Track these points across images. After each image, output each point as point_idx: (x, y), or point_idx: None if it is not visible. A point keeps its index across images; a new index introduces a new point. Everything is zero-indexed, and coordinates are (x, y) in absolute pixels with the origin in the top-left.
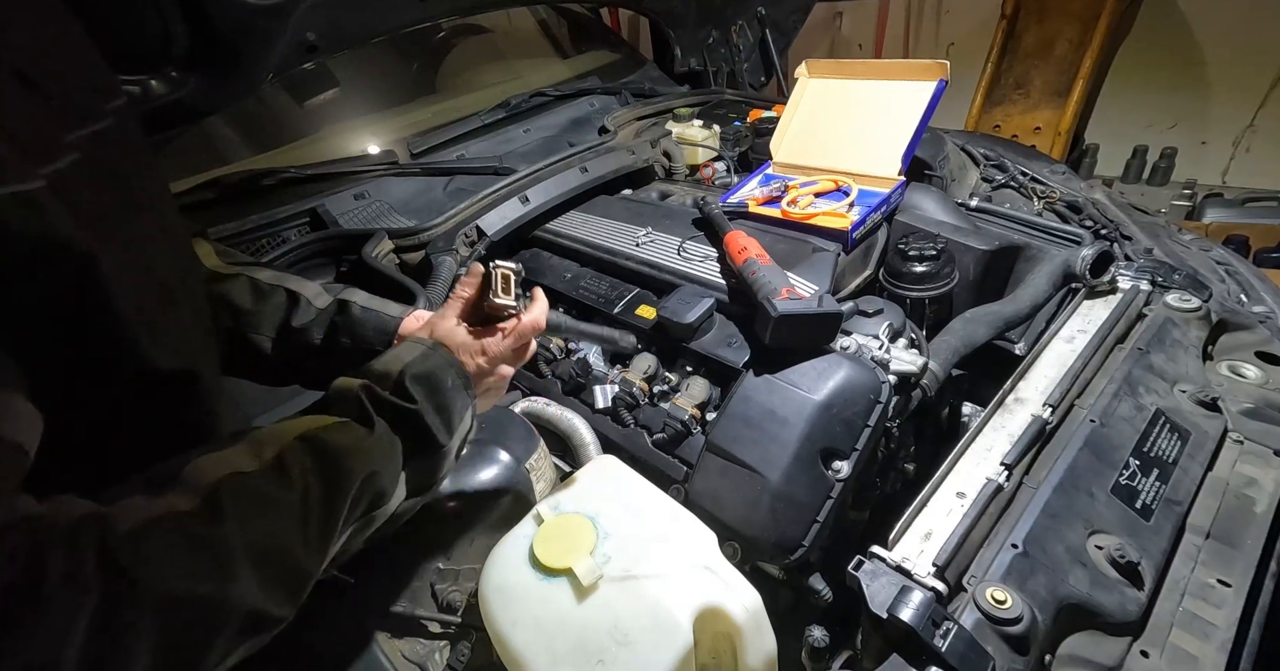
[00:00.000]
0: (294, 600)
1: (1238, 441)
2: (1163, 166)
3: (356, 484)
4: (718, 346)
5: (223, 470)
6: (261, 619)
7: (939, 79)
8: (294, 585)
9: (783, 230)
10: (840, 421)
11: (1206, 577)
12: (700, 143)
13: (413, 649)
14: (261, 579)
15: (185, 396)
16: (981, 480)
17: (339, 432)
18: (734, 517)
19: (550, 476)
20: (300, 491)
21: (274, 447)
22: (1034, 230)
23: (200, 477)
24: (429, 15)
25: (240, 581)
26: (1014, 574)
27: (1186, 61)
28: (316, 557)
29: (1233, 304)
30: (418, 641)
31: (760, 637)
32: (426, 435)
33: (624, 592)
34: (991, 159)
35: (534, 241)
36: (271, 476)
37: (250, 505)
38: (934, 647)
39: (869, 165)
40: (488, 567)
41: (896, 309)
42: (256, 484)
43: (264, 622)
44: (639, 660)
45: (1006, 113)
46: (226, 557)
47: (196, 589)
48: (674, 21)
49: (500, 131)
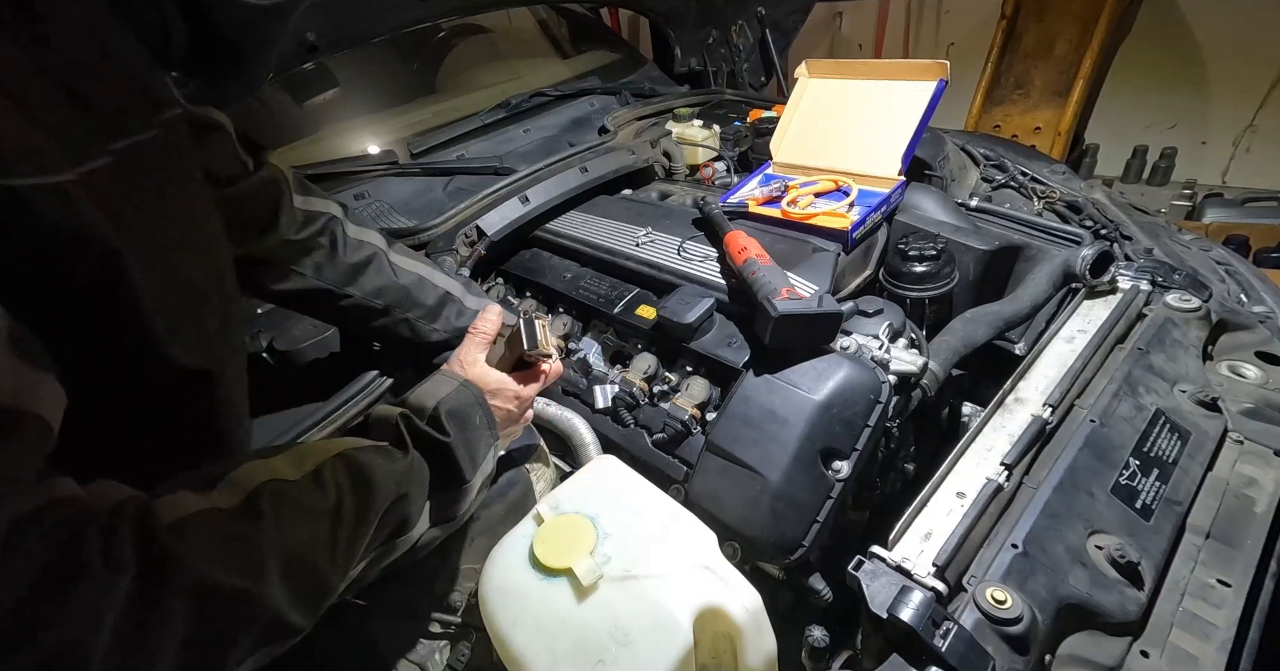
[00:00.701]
0: (313, 612)
1: (1238, 441)
2: (1163, 166)
3: (386, 504)
4: (718, 346)
5: (265, 475)
6: (283, 626)
7: (939, 79)
8: (316, 596)
9: (783, 230)
10: (840, 421)
11: (1206, 577)
12: (700, 143)
13: (413, 649)
14: (288, 585)
15: (198, 401)
16: (981, 480)
17: (375, 455)
18: (734, 517)
19: (550, 476)
20: (333, 503)
21: (314, 461)
22: (1034, 230)
23: (245, 480)
24: (429, 15)
25: (270, 583)
26: (1014, 574)
27: (1186, 61)
28: (340, 572)
29: (1233, 304)
30: (418, 641)
31: (760, 637)
32: (454, 468)
33: (624, 592)
34: (991, 159)
35: (534, 241)
36: (309, 487)
37: (287, 511)
38: (934, 647)
39: (869, 165)
40: (488, 567)
41: (896, 309)
42: (295, 492)
43: (284, 631)
44: (639, 660)
45: (1006, 113)
46: (260, 556)
47: (230, 581)
48: (674, 21)
49: (500, 131)
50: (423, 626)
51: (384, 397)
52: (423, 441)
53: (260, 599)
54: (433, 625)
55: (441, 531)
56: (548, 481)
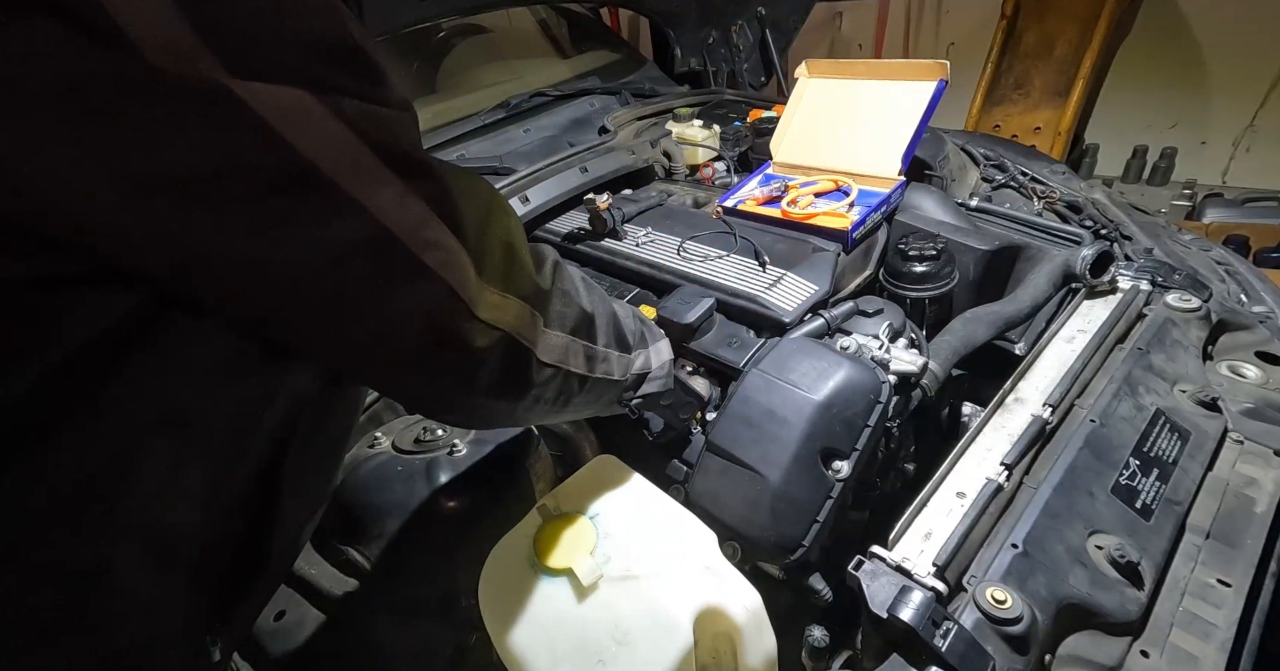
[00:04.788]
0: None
1: (1238, 441)
2: (1163, 166)
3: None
4: (718, 346)
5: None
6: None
7: (939, 79)
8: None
9: (783, 230)
10: (840, 421)
11: (1206, 577)
12: (700, 143)
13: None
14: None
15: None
16: (981, 480)
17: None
18: (734, 517)
19: (550, 476)
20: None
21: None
22: (1034, 230)
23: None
24: (429, 15)
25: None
26: (1014, 574)
27: (1186, 61)
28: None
29: (1233, 304)
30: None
31: (760, 637)
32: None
33: (624, 592)
34: (991, 159)
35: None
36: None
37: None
38: (934, 647)
39: (869, 165)
40: (488, 567)
41: (896, 309)
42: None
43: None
44: (639, 660)
45: (1006, 113)
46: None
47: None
48: (674, 21)
49: (500, 131)
50: (423, 626)
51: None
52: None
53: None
54: (433, 625)
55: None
56: (548, 481)
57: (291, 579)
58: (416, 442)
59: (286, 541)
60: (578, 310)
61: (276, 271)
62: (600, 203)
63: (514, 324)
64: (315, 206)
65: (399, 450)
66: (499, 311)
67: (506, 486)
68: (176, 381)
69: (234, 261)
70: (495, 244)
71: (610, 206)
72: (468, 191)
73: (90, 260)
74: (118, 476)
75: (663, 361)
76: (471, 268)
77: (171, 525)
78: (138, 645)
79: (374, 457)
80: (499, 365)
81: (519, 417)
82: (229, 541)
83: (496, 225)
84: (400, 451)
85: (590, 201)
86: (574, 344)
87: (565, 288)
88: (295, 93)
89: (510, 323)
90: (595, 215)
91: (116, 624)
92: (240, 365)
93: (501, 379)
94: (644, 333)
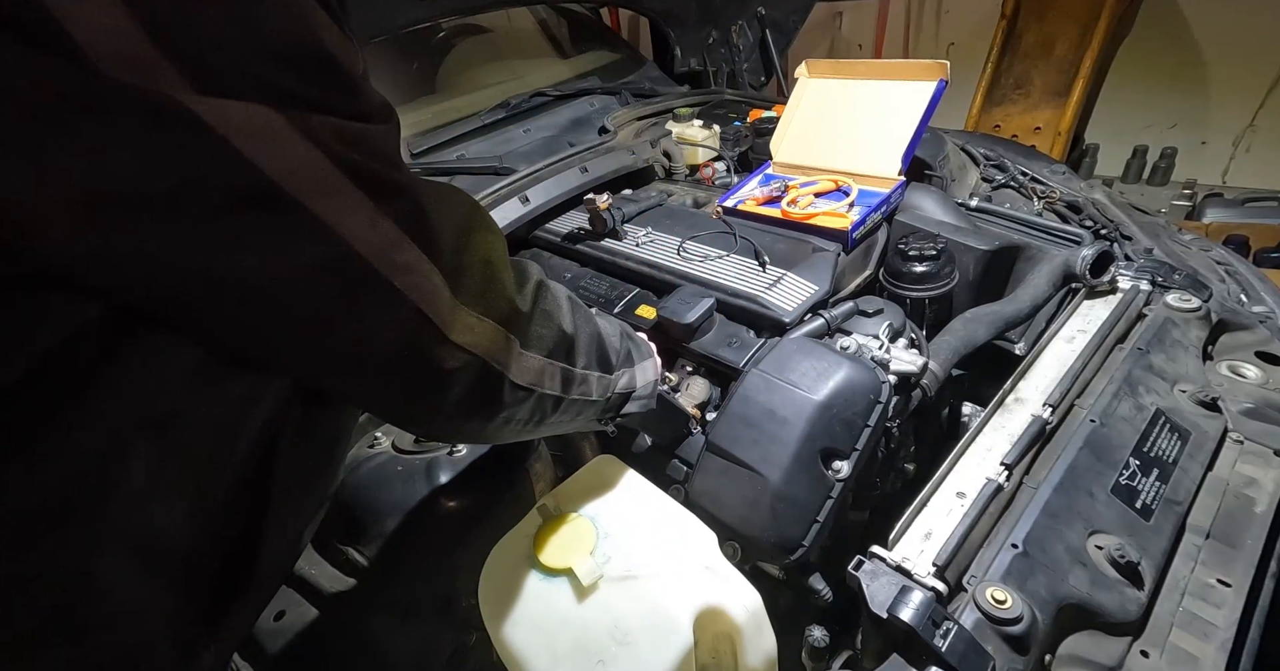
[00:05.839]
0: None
1: (1238, 441)
2: (1163, 166)
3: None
4: (718, 346)
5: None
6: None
7: (939, 79)
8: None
9: (783, 230)
10: (840, 421)
11: (1206, 577)
12: (700, 143)
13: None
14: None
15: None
16: (981, 480)
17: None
18: (734, 517)
19: (550, 476)
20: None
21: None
22: (1034, 230)
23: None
24: (429, 15)
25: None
26: (1014, 574)
27: (1186, 61)
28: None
29: (1233, 304)
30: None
31: (760, 637)
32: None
33: (624, 592)
34: (991, 159)
35: (534, 241)
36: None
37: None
38: (934, 647)
39: (869, 165)
40: (488, 567)
41: (896, 309)
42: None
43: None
44: (639, 660)
45: (1006, 113)
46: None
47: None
48: (674, 21)
49: (500, 131)
50: (423, 626)
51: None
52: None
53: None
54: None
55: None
56: (548, 481)
57: (291, 579)
58: (417, 442)
59: (283, 543)
60: (558, 331)
61: (237, 291)
62: (600, 203)
63: (487, 347)
64: (278, 227)
65: (399, 450)
66: (472, 334)
67: (506, 486)
68: (158, 382)
69: (191, 280)
70: (473, 262)
71: (610, 206)
72: (445, 208)
73: (45, 268)
74: (99, 480)
75: (648, 381)
76: (446, 289)
77: (156, 529)
78: (123, 651)
79: (374, 457)
80: (469, 387)
81: (490, 436)
82: (219, 544)
83: (475, 243)
84: (400, 451)
85: (590, 201)
86: (551, 366)
87: (547, 308)
88: (260, 110)
89: (484, 346)
90: (595, 215)
91: (100, 629)
92: (226, 365)
93: (471, 400)
94: (630, 351)
